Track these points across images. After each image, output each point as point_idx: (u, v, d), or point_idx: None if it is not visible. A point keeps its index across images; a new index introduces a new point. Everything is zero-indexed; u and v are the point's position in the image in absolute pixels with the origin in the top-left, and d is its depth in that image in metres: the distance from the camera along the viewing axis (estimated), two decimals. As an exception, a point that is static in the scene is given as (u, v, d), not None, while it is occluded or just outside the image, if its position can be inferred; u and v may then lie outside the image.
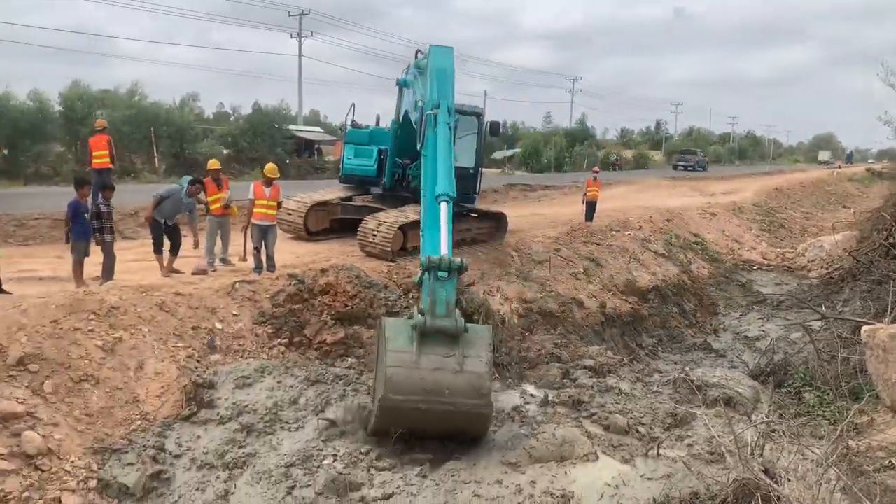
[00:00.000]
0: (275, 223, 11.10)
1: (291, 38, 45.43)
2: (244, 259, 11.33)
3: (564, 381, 10.44)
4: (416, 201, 13.86)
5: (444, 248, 7.61)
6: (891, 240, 16.27)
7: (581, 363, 11.17)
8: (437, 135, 9.39)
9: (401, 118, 13.77)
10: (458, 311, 7.33)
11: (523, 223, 18.01)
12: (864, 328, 9.76)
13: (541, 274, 14.34)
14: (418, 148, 10.36)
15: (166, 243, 10.86)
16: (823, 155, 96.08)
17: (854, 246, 19.26)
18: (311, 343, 9.54)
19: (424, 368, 6.81)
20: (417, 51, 13.16)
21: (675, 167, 56.90)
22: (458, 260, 7.33)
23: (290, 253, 12.41)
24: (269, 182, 10.93)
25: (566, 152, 55.45)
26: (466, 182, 13.51)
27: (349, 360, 9.57)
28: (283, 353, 9.17)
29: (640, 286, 15.96)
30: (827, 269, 20.73)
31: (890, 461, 7.39)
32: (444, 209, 8.13)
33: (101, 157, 14.51)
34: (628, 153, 71.69)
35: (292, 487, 6.76)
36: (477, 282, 12.63)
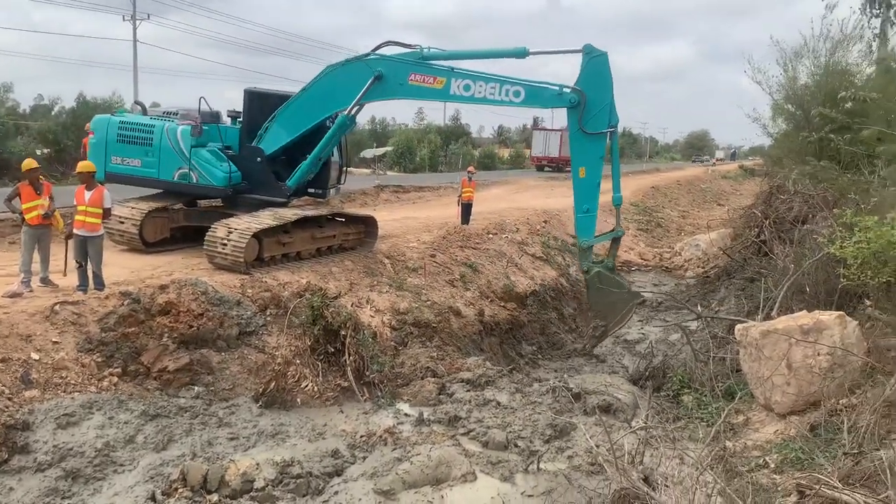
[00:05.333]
0: (98, 234, 10.33)
1: (124, 20, 43.25)
2: (65, 275, 10.57)
3: (441, 396, 10.56)
4: (278, 204, 13.48)
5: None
6: (762, 237, 17.74)
7: (458, 376, 11.33)
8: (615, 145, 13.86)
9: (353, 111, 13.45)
10: None
11: (396, 227, 18.07)
12: (738, 326, 10.55)
13: (415, 282, 14.42)
14: None
15: None
16: (719, 153, 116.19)
17: (728, 244, 20.88)
18: (149, 371, 9.06)
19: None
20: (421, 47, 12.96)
21: (693, 161, 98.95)
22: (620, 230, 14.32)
23: (123, 267, 11.71)
24: (89, 184, 10.21)
25: (441, 151, 56.35)
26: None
27: (196, 388, 9.17)
28: (115, 385, 8.62)
29: (518, 291, 16.43)
30: (703, 267, 22.35)
31: (764, 459, 8.02)
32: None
33: None
34: (505, 152, 73.89)
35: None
36: (345, 293, 12.50)
